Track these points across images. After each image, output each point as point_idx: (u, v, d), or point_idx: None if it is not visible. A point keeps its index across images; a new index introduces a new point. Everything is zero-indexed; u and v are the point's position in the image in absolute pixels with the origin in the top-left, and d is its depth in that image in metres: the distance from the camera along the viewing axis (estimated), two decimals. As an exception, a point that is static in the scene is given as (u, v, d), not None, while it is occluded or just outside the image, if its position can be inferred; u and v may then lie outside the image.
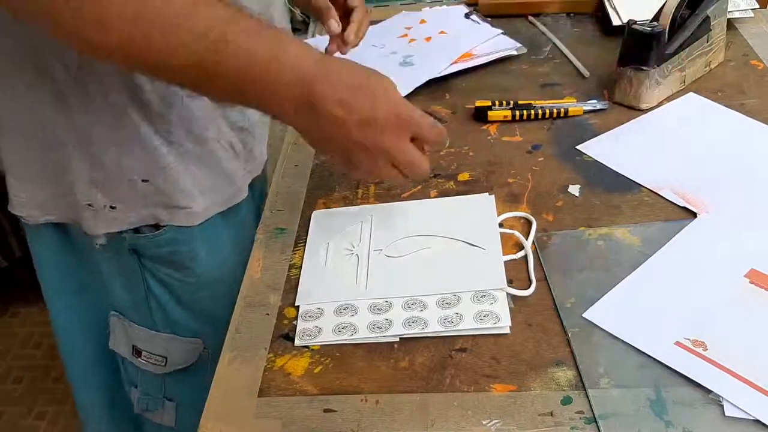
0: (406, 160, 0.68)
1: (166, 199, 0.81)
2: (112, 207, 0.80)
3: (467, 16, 1.21)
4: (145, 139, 0.77)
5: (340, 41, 0.90)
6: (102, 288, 0.89)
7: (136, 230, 0.83)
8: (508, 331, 0.67)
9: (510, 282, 0.72)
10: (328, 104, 0.64)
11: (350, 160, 0.69)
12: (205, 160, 0.82)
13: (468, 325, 0.68)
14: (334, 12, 0.89)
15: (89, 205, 0.80)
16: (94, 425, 1.02)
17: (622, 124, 0.94)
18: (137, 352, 0.90)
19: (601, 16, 1.19)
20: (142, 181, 0.79)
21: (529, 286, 0.72)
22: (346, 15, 0.92)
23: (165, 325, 0.89)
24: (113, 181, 0.79)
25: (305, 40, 1.06)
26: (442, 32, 1.18)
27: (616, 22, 1.14)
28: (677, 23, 0.95)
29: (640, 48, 0.94)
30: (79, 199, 0.80)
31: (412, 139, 0.69)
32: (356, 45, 0.90)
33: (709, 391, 0.60)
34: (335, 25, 0.88)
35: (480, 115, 0.98)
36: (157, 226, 0.83)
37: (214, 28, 0.60)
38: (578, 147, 0.91)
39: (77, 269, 0.89)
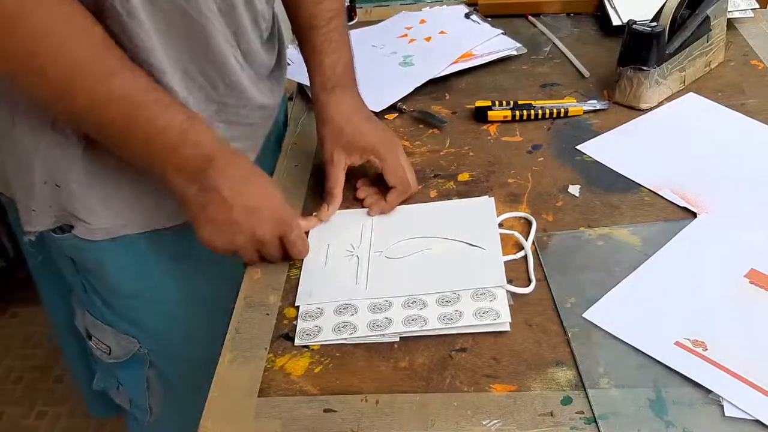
0: (270, 253, 0.77)
1: (67, 205, 0.77)
2: (33, 210, 0.77)
3: (467, 16, 1.21)
4: (49, 136, 0.73)
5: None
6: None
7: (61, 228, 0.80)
8: (507, 327, 0.68)
9: (510, 282, 0.72)
10: (220, 185, 0.71)
11: (223, 237, 0.74)
12: (116, 173, 0.76)
13: (467, 322, 0.68)
14: (337, 203, 0.84)
15: (15, 200, 0.78)
16: (87, 399, 1.04)
17: (622, 124, 0.94)
18: (88, 336, 0.90)
19: (601, 16, 1.19)
20: (44, 183, 0.75)
21: (528, 286, 0.71)
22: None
23: (101, 315, 0.88)
24: (23, 177, 0.76)
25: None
26: (442, 32, 1.18)
27: (616, 22, 1.14)
28: (677, 23, 0.95)
29: (640, 48, 0.94)
30: (12, 191, 0.79)
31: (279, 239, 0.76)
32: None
33: (709, 391, 0.60)
34: (324, 214, 0.84)
35: (480, 115, 0.98)
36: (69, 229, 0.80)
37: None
38: (578, 147, 0.91)
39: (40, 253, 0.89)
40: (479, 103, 0.99)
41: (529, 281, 0.72)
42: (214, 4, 0.73)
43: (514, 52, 1.11)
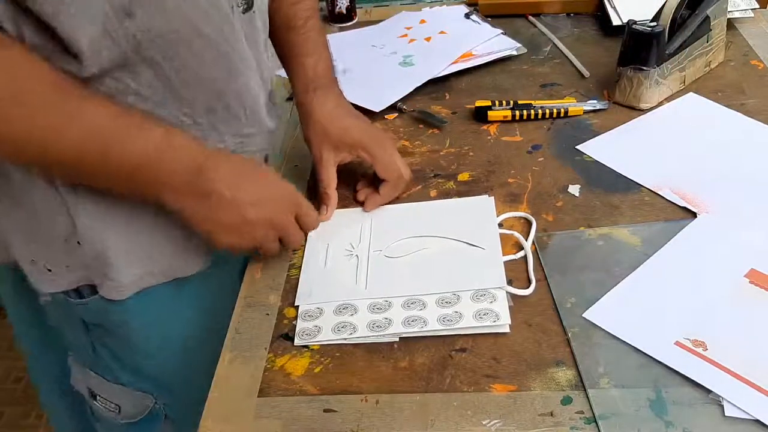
0: (291, 234, 0.74)
1: (90, 267, 0.74)
2: (48, 269, 0.75)
3: (467, 16, 1.21)
4: (62, 194, 0.70)
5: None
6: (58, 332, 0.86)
7: (77, 290, 0.78)
8: (507, 329, 0.67)
9: (510, 282, 0.72)
10: (218, 187, 0.68)
11: (242, 237, 0.72)
12: (135, 224, 0.74)
13: (467, 324, 0.68)
14: (334, 203, 0.84)
15: (33, 261, 0.75)
16: None
17: (622, 124, 0.94)
18: (92, 396, 0.86)
19: (601, 16, 1.19)
20: (64, 240, 0.73)
21: (528, 286, 0.72)
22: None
23: (111, 375, 0.85)
24: (43, 238, 0.73)
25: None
26: (442, 32, 1.18)
27: (616, 22, 1.14)
28: (677, 23, 0.95)
29: (640, 48, 0.94)
30: (23, 253, 0.75)
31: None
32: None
33: (709, 391, 0.60)
34: (324, 213, 0.84)
35: (480, 115, 0.98)
36: (94, 289, 0.77)
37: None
38: (578, 147, 0.91)
39: (38, 312, 0.85)
40: (479, 103, 0.99)
41: (529, 281, 0.72)
42: (245, 40, 0.72)
43: (514, 52, 1.11)
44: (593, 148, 0.90)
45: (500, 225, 0.80)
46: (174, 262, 0.78)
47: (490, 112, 0.97)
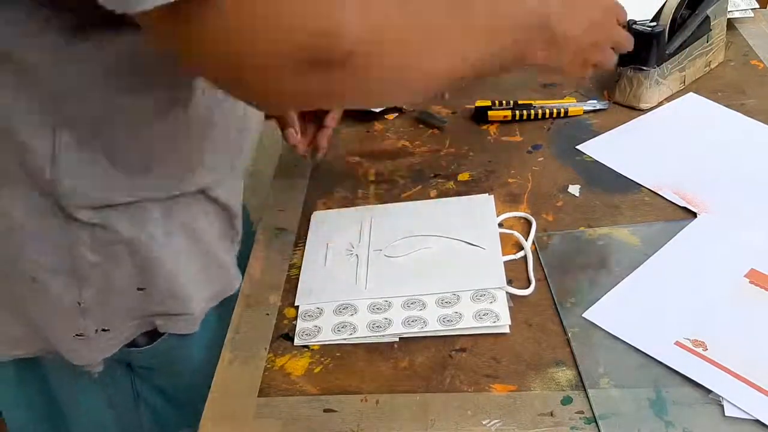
0: (623, 36, 0.77)
1: (162, 308, 0.71)
2: (104, 330, 0.69)
3: (467, 16, 1.21)
4: (135, 243, 0.66)
5: (311, 149, 0.88)
6: (66, 421, 0.82)
7: (130, 342, 0.74)
8: (507, 330, 0.67)
9: (510, 282, 0.72)
10: (561, 27, 0.66)
11: (583, 63, 0.73)
12: (198, 254, 0.72)
13: (467, 324, 0.68)
14: (295, 121, 0.83)
15: (78, 335, 0.69)
16: None
17: (622, 124, 0.94)
18: None
19: (601, 16, 1.19)
20: (138, 289, 0.69)
21: (528, 286, 0.72)
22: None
23: (153, 425, 0.83)
24: (103, 300, 0.68)
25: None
26: (442, 32, 1.18)
27: (616, 22, 1.14)
28: (677, 23, 0.95)
29: (640, 48, 0.93)
30: (62, 330, 0.69)
31: None
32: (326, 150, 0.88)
33: (709, 391, 0.60)
34: (293, 134, 0.83)
35: (480, 115, 0.98)
36: (152, 333, 0.74)
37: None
38: (578, 147, 0.91)
39: (46, 407, 0.80)
40: (479, 103, 0.99)
41: (529, 281, 0.72)
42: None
43: (514, 52, 1.11)
44: (593, 148, 0.90)
45: (500, 225, 0.80)
46: (223, 281, 0.76)
47: (490, 112, 0.97)
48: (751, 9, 1.13)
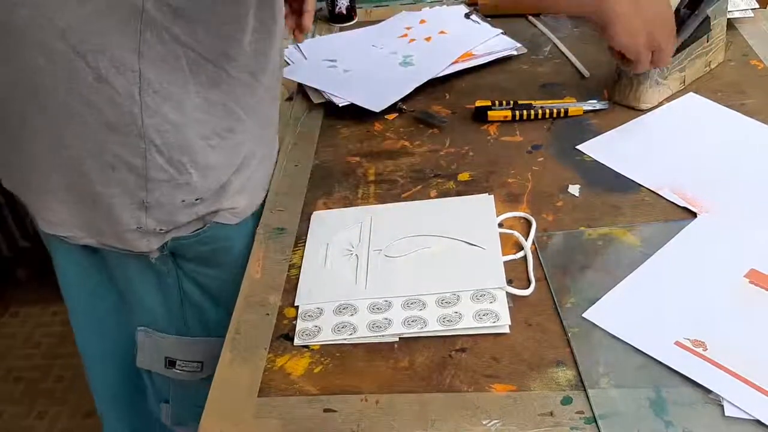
0: (669, 50, 0.89)
1: (215, 208, 0.82)
2: (160, 230, 0.80)
3: (467, 16, 1.21)
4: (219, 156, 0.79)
5: (297, 28, 1.03)
6: (129, 306, 0.88)
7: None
8: (507, 330, 0.67)
9: (510, 282, 0.72)
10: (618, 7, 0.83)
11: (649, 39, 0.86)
12: (262, 167, 0.87)
13: (467, 324, 0.68)
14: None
15: (138, 228, 0.79)
16: None
17: (622, 124, 0.94)
18: (171, 363, 0.90)
19: (601, 16, 1.19)
20: (196, 199, 0.79)
21: (528, 286, 0.72)
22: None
23: (199, 327, 0.89)
24: (165, 206, 0.78)
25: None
26: (442, 32, 1.18)
27: (616, 22, 1.13)
28: (677, 23, 0.95)
29: (640, 48, 0.93)
30: (126, 222, 0.78)
31: None
32: (310, 31, 1.02)
33: (709, 391, 0.60)
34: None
35: (480, 115, 0.98)
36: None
37: None
38: (578, 147, 0.91)
39: (106, 291, 0.88)
40: (479, 103, 0.99)
41: (529, 281, 0.72)
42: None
43: (514, 52, 1.11)
44: (593, 148, 0.90)
45: (500, 225, 0.80)
46: (265, 192, 0.89)
47: (490, 112, 0.97)
48: (751, 9, 1.13)
